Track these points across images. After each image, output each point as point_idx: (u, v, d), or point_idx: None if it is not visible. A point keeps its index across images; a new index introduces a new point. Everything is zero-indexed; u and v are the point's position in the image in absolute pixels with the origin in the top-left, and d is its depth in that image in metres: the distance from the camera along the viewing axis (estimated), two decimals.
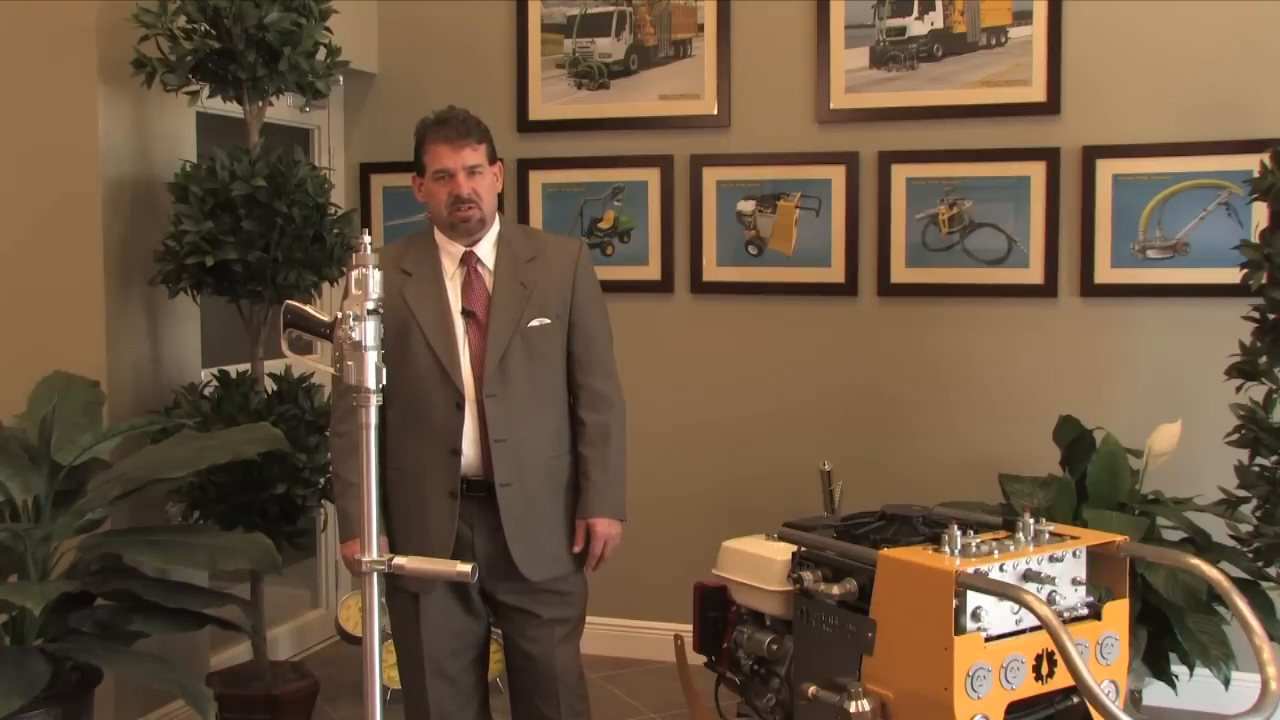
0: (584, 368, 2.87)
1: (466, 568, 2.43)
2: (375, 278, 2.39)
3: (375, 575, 2.38)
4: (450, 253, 2.82)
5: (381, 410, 2.50)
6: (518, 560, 2.76)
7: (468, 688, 2.92)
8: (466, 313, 2.78)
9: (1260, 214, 3.79)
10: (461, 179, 2.75)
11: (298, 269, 3.61)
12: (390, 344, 2.75)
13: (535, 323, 2.79)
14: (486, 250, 2.83)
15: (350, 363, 2.32)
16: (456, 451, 2.75)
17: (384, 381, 2.42)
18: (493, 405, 2.75)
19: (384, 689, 4.34)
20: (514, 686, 2.95)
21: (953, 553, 2.43)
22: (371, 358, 2.35)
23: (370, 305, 2.37)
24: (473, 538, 2.78)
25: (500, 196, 3.09)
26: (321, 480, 3.74)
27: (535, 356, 2.79)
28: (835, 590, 2.59)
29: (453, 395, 2.75)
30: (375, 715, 2.38)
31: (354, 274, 2.39)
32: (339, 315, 2.40)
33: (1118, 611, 2.55)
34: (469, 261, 2.81)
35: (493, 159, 2.83)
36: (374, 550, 2.39)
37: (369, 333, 2.36)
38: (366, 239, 2.42)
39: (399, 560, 2.43)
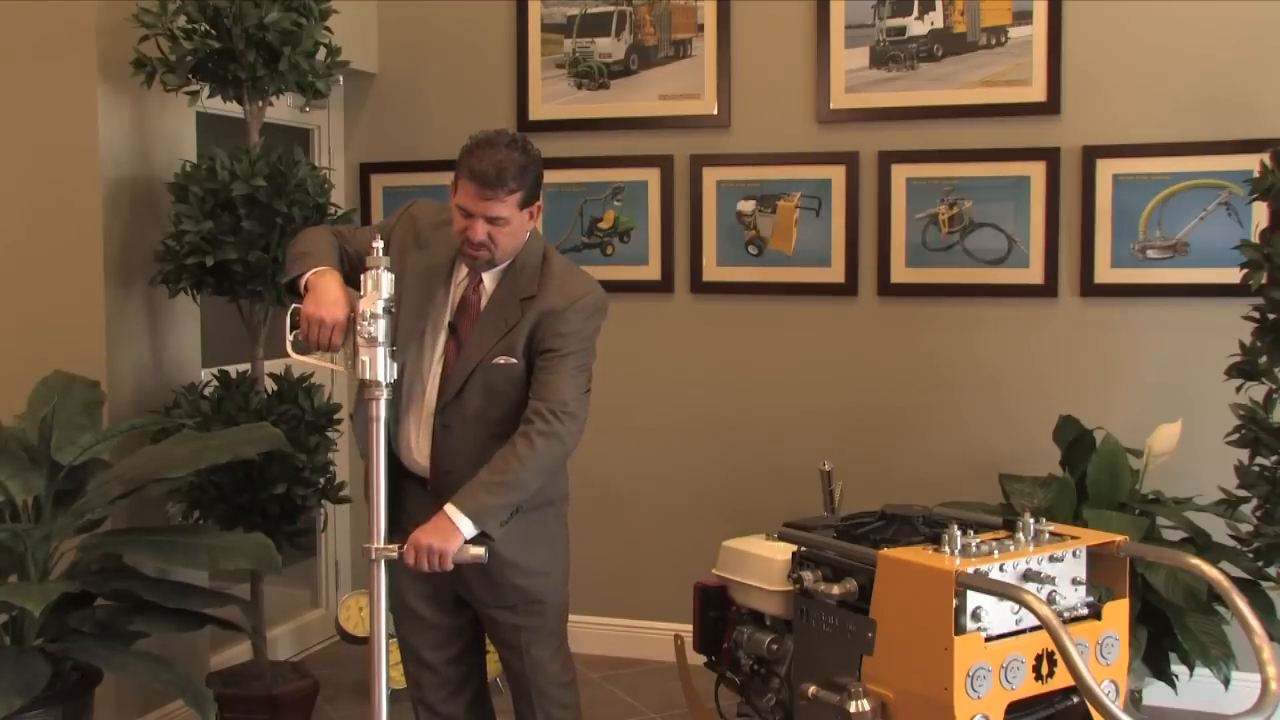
0: (539, 395, 2.64)
1: (480, 551, 2.50)
2: (387, 279, 2.47)
3: (383, 562, 2.41)
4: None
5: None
6: (471, 583, 2.77)
7: (453, 679, 2.92)
8: (452, 326, 2.72)
9: (1260, 214, 3.80)
10: (479, 226, 2.60)
11: None
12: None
13: (499, 360, 2.67)
14: (492, 274, 2.73)
15: (365, 358, 2.44)
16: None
17: (394, 377, 2.48)
18: (444, 436, 2.70)
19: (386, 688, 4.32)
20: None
21: (953, 553, 2.43)
22: (383, 353, 2.44)
23: (383, 304, 2.45)
24: None
25: None
26: (321, 480, 3.74)
27: (493, 392, 2.68)
28: (835, 590, 2.60)
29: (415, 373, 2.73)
30: (381, 703, 2.39)
31: (369, 275, 2.48)
32: (352, 315, 2.47)
33: (1118, 611, 2.55)
34: (473, 277, 2.74)
35: (530, 201, 2.66)
36: (381, 538, 2.41)
37: (381, 330, 2.44)
38: (378, 244, 2.52)
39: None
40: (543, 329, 2.66)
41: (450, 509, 2.54)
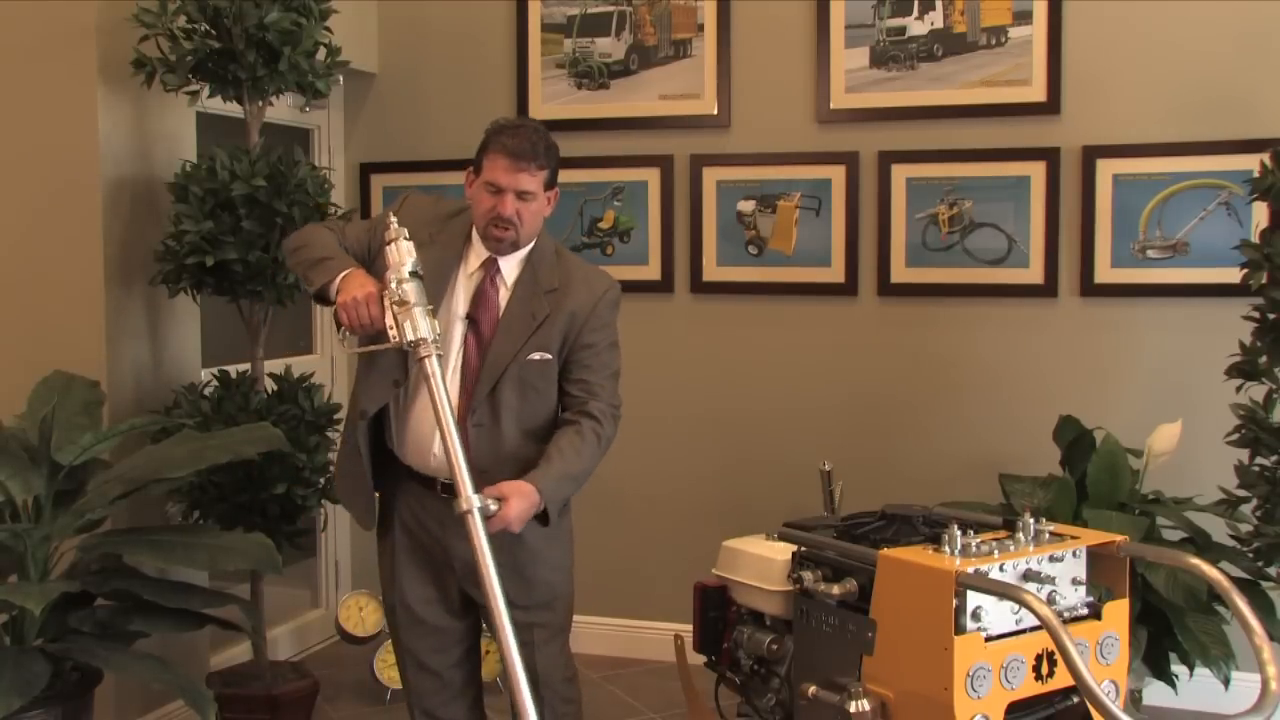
0: (579, 392, 2.72)
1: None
2: (408, 246, 2.55)
3: (479, 517, 2.38)
4: (477, 252, 2.74)
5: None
6: (506, 586, 2.74)
7: (455, 683, 2.90)
8: (471, 319, 2.71)
9: (1260, 214, 3.80)
10: (509, 200, 2.62)
11: None
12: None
13: (535, 356, 2.68)
14: (510, 266, 2.73)
15: (405, 321, 2.49)
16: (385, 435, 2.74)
17: (439, 331, 2.53)
18: (479, 435, 2.67)
19: (385, 689, 4.35)
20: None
21: (953, 553, 2.43)
22: (421, 312, 2.49)
23: (409, 269, 2.52)
24: (445, 537, 2.74)
25: None
26: (321, 480, 3.74)
27: (527, 388, 2.69)
28: (835, 590, 2.59)
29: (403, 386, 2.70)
30: (514, 660, 2.34)
31: (389, 248, 2.55)
32: (384, 291, 2.53)
33: (1118, 611, 2.55)
34: (489, 269, 2.73)
35: (552, 184, 2.71)
36: (469, 486, 2.40)
37: (412, 292, 2.50)
38: (393, 219, 2.58)
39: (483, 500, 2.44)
40: (576, 326, 2.71)
41: (540, 498, 2.54)
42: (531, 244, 2.76)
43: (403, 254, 2.53)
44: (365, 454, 2.77)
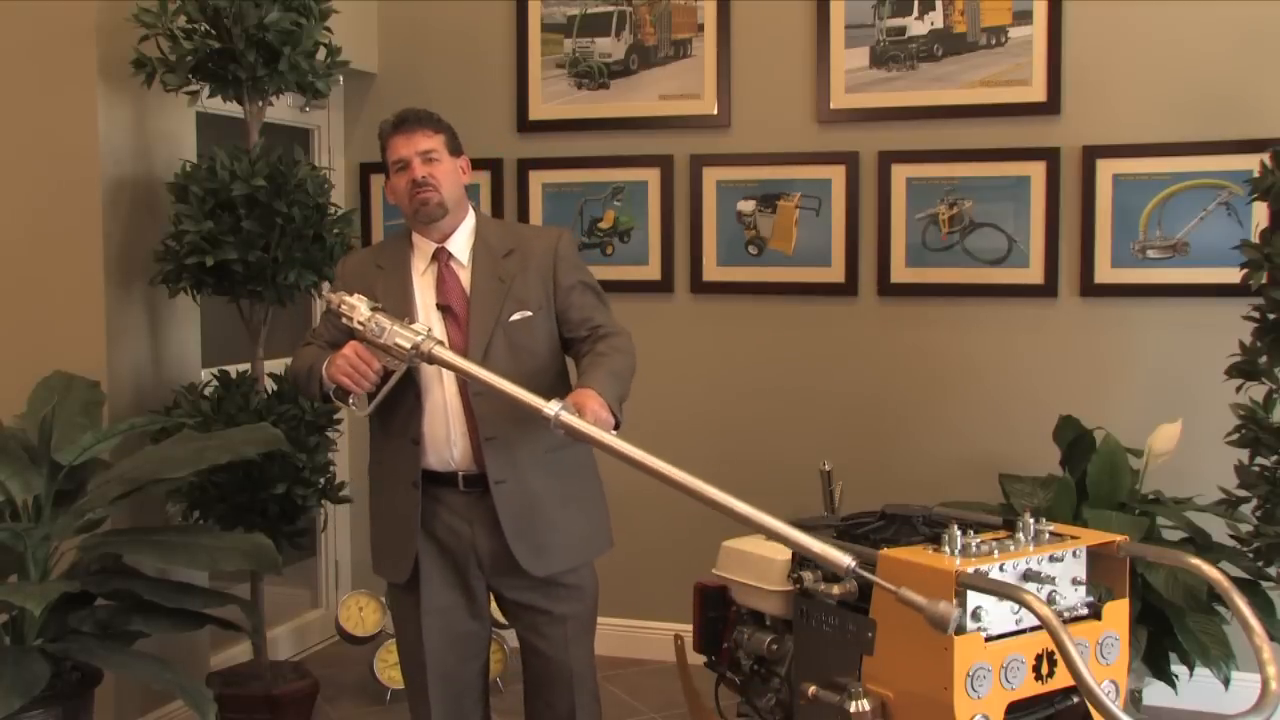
0: (589, 330, 2.81)
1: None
2: (356, 297, 2.69)
3: (566, 414, 2.45)
4: (422, 250, 2.80)
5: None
6: (519, 556, 2.74)
7: (476, 689, 2.91)
8: (443, 308, 2.76)
9: (1260, 214, 3.80)
10: (417, 164, 2.72)
11: (298, 269, 3.62)
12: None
13: (516, 316, 2.75)
14: (460, 246, 2.80)
15: (395, 340, 2.60)
16: (417, 441, 2.73)
17: (431, 328, 2.66)
18: (480, 403, 2.70)
19: (385, 689, 4.35)
20: (527, 685, 2.93)
21: (953, 553, 2.43)
22: (399, 325, 2.61)
23: (366, 308, 2.66)
24: (473, 535, 2.77)
25: (477, 190, 3.09)
26: (321, 480, 3.74)
27: (519, 350, 2.75)
28: (835, 590, 2.59)
29: (411, 388, 2.73)
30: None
31: (342, 309, 2.69)
32: (360, 337, 2.64)
33: (1118, 611, 2.55)
34: (440, 258, 2.79)
35: (455, 152, 2.81)
36: (540, 400, 2.47)
37: (383, 319, 2.63)
38: (329, 293, 2.77)
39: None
40: (548, 275, 2.80)
41: (596, 390, 2.59)
42: (472, 219, 2.84)
43: (355, 303, 2.67)
44: (419, 482, 2.75)
